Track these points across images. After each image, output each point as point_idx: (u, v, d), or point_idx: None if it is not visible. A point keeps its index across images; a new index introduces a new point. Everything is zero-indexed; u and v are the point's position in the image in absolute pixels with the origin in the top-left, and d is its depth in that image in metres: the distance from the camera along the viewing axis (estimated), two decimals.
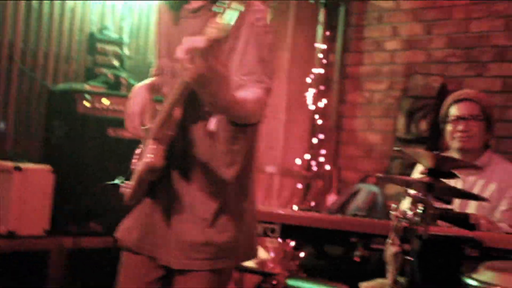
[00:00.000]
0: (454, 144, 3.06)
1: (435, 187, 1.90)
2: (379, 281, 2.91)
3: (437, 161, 1.88)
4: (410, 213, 2.00)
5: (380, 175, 2.08)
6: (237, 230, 1.93)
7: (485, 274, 1.65)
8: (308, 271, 4.01)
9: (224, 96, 1.66)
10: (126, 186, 2.01)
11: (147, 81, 2.12)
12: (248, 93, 1.77)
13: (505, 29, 4.18)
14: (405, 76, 4.60)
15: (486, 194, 2.99)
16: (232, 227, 1.92)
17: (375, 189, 4.22)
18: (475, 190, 3.01)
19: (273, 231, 2.75)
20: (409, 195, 2.01)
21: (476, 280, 1.65)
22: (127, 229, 2.05)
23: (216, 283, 1.93)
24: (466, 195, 2.20)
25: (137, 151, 2.08)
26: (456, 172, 3.02)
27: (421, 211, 1.91)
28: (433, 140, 4.20)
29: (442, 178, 1.97)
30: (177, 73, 1.87)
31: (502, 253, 2.27)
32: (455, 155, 3.09)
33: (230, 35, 1.64)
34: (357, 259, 2.62)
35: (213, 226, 1.90)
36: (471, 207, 2.98)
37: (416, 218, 1.96)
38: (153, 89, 2.08)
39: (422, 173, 1.95)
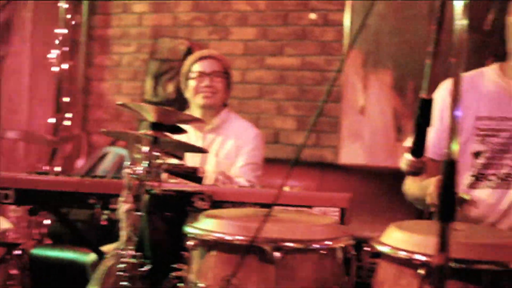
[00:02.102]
0: (198, 100, 3.15)
1: (159, 141, 1.93)
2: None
3: (160, 114, 1.91)
4: (140, 169, 2.01)
5: (105, 130, 2.05)
6: None
7: (204, 222, 1.72)
8: (54, 239, 3.90)
9: None
10: None
11: None
12: None
13: None
14: (152, 39, 4.62)
15: (224, 151, 3.13)
16: None
17: (123, 152, 4.20)
18: (214, 147, 3.13)
19: (6, 196, 2.61)
20: (140, 151, 2.02)
21: (196, 228, 1.71)
22: None
23: None
24: (190, 148, 2.27)
25: None
26: (196, 129, 3.14)
27: (147, 166, 1.93)
28: (180, 102, 4.28)
29: (170, 132, 2.01)
30: None
31: (231, 205, 2.38)
32: (196, 111, 3.18)
33: None
34: (104, 222, 2.59)
35: None
36: (211, 163, 3.10)
37: (146, 174, 1.97)
38: None
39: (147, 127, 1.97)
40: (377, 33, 3.93)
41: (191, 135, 3.16)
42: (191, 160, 3.10)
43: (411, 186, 2.36)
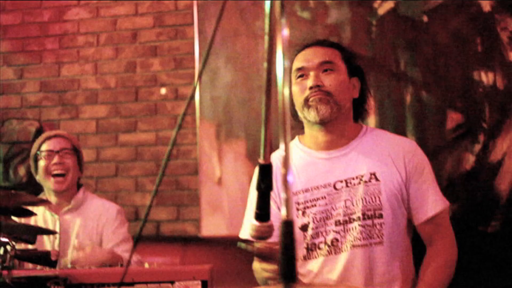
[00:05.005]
0: (49, 184, 3.07)
1: (4, 226, 1.85)
2: None
3: (1, 198, 1.84)
4: None
5: None
6: None
7: None
8: None
9: None
10: None
11: None
12: None
13: (94, 73, 4.36)
14: None
15: (86, 232, 3.06)
16: None
17: None
18: (74, 229, 3.05)
19: None
20: None
21: None
22: None
23: None
24: (39, 231, 2.20)
25: None
26: (52, 212, 3.05)
27: None
28: (33, 185, 4.13)
29: (16, 216, 1.94)
30: None
31: (90, 286, 2.31)
32: (50, 195, 3.10)
33: None
34: None
35: None
36: (71, 245, 3.02)
37: None
38: None
39: None
40: (227, 104, 4.04)
41: (47, 218, 3.07)
42: (49, 244, 3.00)
43: (260, 271, 2.39)
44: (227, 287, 3.23)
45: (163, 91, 4.24)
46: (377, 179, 2.31)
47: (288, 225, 1.13)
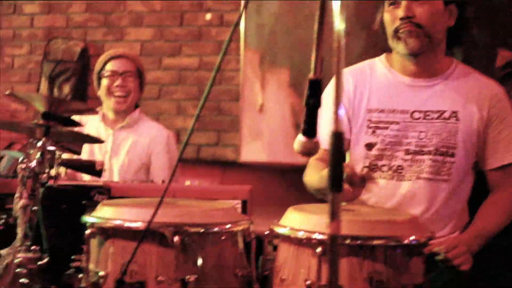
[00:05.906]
0: (111, 103, 3.12)
1: (52, 132, 1.89)
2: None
3: (51, 104, 1.87)
4: (34, 163, 1.97)
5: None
6: None
7: (101, 210, 1.71)
8: None
9: None
10: None
11: None
12: None
13: None
14: (45, 40, 4.51)
15: (136, 150, 3.16)
16: None
17: (19, 155, 4.07)
18: (126, 146, 3.12)
19: None
20: (32, 144, 1.97)
21: (94, 216, 1.70)
22: None
23: None
24: (86, 139, 2.24)
25: None
26: (107, 126, 3.11)
27: (40, 158, 1.89)
28: None
29: (64, 125, 1.97)
30: None
31: None
32: (109, 113, 3.15)
33: None
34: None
35: None
36: (120, 161, 3.10)
37: (40, 167, 1.93)
38: None
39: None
40: (272, 32, 4.01)
41: (101, 132, 3.14)
42: (100, 157, 3.08)
43: (311, 177, 2.41)
44: (266, 208, 3.28)
45: (208, 16, 4.22)
46: (457, 119, 2.25)
47: (337, 136, 1.13)
